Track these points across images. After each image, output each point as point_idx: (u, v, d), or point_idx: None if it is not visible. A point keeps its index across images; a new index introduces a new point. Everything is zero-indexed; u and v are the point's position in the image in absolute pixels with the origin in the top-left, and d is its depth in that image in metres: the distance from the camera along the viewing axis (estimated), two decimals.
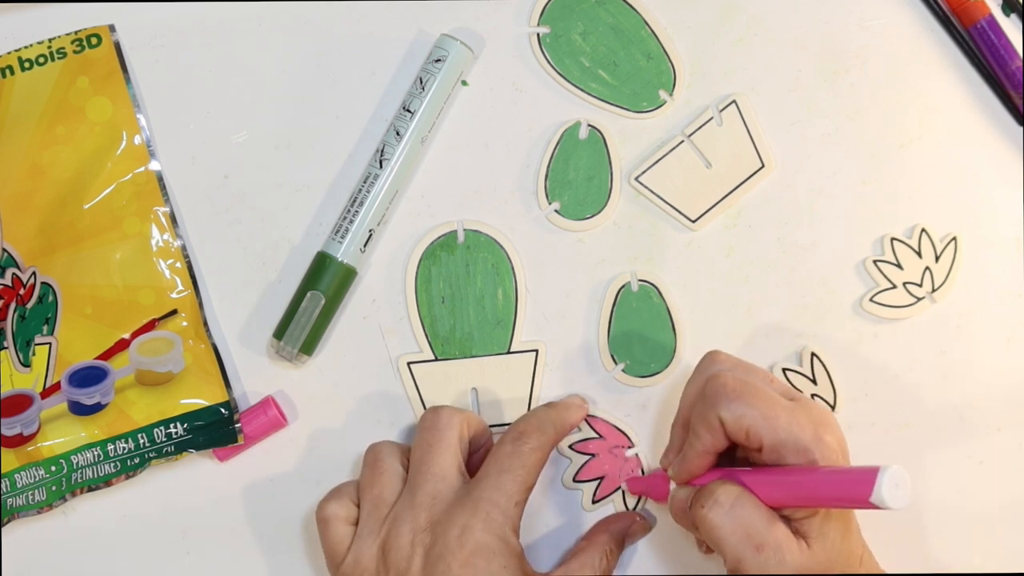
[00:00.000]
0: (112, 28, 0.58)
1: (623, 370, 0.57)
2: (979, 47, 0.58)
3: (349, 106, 0.58)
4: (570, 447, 0.57)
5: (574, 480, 0.57)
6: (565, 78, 0.58)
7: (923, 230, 0.58)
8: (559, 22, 0.58)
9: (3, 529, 0.57)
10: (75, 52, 0.57)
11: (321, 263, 0.56)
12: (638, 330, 0.58)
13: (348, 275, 0.56)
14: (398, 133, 0.56)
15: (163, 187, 0.58)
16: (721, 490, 0.48)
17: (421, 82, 0.57)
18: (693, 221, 0.58)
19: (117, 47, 0.58)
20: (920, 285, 0.58)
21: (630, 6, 0.58)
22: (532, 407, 0.57)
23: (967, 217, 0.58)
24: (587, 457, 0.57)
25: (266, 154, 0.58)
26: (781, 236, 0.58)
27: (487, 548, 0.49)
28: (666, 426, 0.55)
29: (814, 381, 0.58)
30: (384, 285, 0.58)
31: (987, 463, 0.58)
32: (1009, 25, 0.58)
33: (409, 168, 0.57)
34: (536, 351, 0.57)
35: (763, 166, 0.58)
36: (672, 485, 0.52)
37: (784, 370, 0.58)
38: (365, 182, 0.56)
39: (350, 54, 0.58)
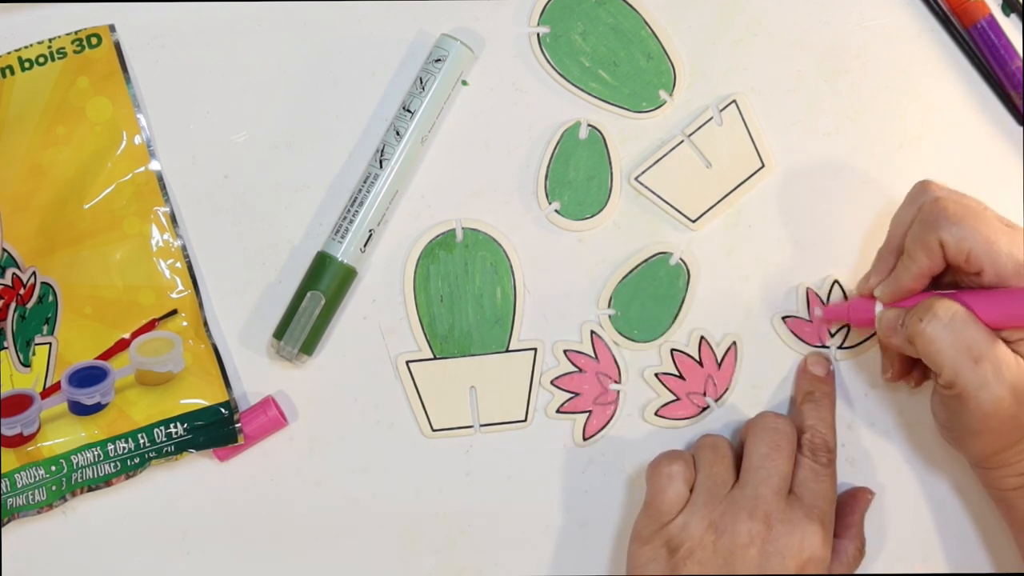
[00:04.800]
0: (112, 28, 0.58)
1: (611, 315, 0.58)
2: (979, 47, 0.58)
3: (349, 106, 0.58)
4: (552, 383, 0.58)
5: (557, 412, 0.58)
6: (565, 78, 0.58)
7: None
8: (559, 22, 0.58)
9: (3, 529, 0.57)
10: (75, 52, 0.57)
11: (321, 263, 0.56)
12: (645, 294, 0.58)
13: (348, 275, 0.56)
14: (398, 133, 0.56)
15: (163, 187, 0.58)
16: (939, 304, 0.48)
17: (421, 82, 0.57)
18: (693, 221, 0.58)
19: (117, 47, 0.58)
20: None
21: (630, 6, 0.58)
22: (530, 403, 0.57)
23: None
24: (569, 395, 0.58)
25: (266, 154, 0.58)
26: (781, 236, 0.58)
27: (821, 561, 0.51)
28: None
29: None
30: (384, 285, 0.58)
31: None
32: (1009, 25, 0.58)
33: (409, 168, 0.57)
34: (535, 349, 0.57)
35: (763, 166, 0.58)
36: (878, 307, 0.52)
37: None
38: (365, 182, 0.56)
39: (350, 54, 0.58)
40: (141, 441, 0.56)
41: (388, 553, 0.58)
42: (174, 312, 0.57)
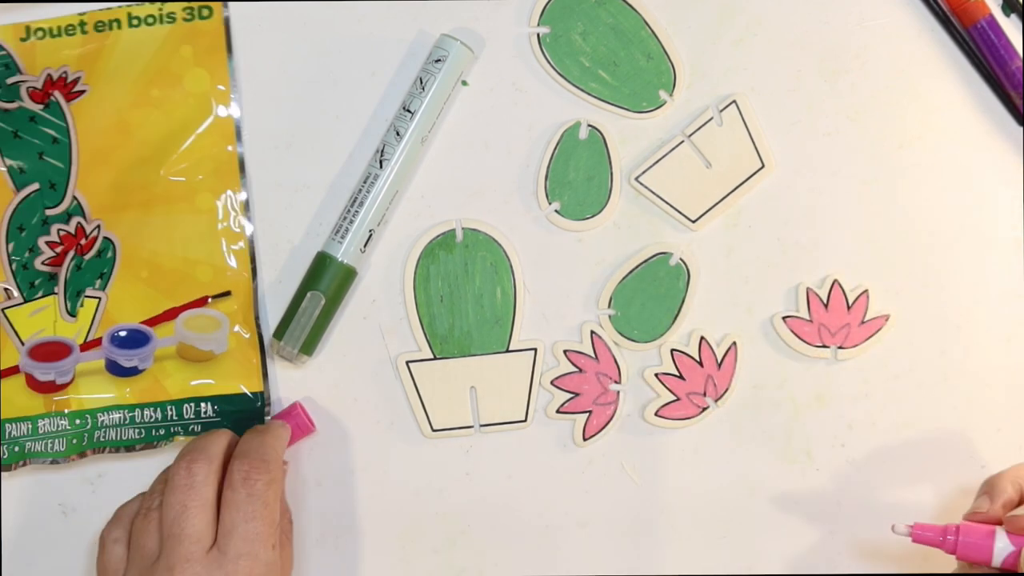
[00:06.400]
0: (225, 3, 0.57)
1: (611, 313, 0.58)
2: (979, 47, 0.58)
3: (349, 106, 0.58)
4: (552, 383, 0.58)
5: (557, 412, 0.58)
6: (565, 78, 0.58)
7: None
8: (559, 22, 0.58)
9: (3, 529, 0.57)
10: (185, 20, 0.57)
11: (321, 263, 0.56)
12: (645, 292, 0.58)
13: (348, 275, 0.56)
14: (398, 133, 0.56)
15: (243, 170, 0.57)
16: None
17: (421, 82, 0.57)
18: (693, 221, 0.58)
19: (226, 23, 0.57)
20: None
21: (630, 6, 0.58)
22: (530, 403, 0.57)
23: (967, 217, 0.58)
24: (569, 395, 0.58)
25: (266, 154, 0.58)
26: (781, 236, 0.58)
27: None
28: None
29: None
30: (384, 285, 0.58)
31: (988, 464, 0.58)
32: (1009, 25, 0.58)
33: (409, 168, 0.57)
34: (535, 350, 0.57)
35: (763, 166, 0.58)
36: (1000, 535, 0.49)
37: None
38: (365, 182, 0.56)
39: (350, 54, 0.58)
40: (169, 413, 0.56)
41: (388, 553, 0.58)
42: (227, 294, 0.57)
